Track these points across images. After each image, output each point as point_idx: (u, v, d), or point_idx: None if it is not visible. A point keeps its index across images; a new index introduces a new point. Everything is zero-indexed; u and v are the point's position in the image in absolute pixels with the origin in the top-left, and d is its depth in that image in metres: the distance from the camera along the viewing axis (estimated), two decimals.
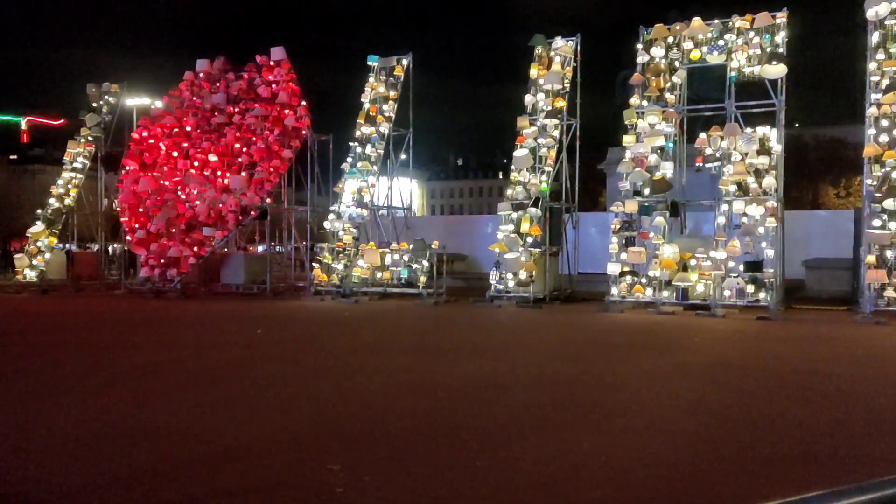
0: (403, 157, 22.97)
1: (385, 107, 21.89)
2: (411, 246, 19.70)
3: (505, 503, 4.12)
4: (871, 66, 15.66)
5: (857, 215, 17.09)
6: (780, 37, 16.71)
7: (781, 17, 16.79)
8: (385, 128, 21.86)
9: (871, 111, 15.46)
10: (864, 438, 5.53)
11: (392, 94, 21.96)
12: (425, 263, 19.17)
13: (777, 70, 16.46)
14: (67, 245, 26.23)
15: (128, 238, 22.90)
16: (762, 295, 15.34)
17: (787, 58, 16.62)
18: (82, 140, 25.35)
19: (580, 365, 9.08)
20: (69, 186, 25.07)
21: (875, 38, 15.67)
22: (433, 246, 19.32)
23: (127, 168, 23.42)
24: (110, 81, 25.86)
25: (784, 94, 16.65)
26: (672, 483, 4.44)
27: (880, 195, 14.90)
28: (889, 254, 14.66)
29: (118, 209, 23.70)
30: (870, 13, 15.66)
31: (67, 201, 25.00)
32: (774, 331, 12.82)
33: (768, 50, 16.65)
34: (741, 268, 15.54)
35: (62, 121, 30.59)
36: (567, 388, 7.45)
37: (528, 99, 19.51)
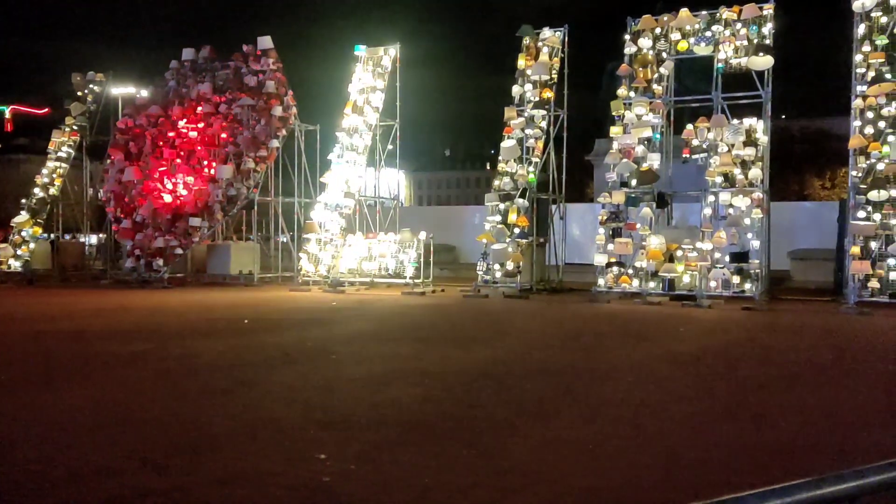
0: (391, 147, 22.88)
1: (372, 97, 21.78)
2: (398, 236, 19.68)
3: (492, 491, 4.13)
4: (857, 57, 15.74)
5: (843, 206, 17.20)
6: (768, 28, 16.74)
7: (769, 9, 16.81)
8: (372, 118, 21.77)
9: (857, 103, 15.55)
10: (852, 427, 5.58)
11: (379, 84, 21.87)
12: (412, 254, 19.16)
13: (764, 61, 16.52)
14: (52, 235, 25.97)
15: (113, 228, 22.73)
16: (748, 286, 15.44)
17: (774, 49, 16.69)
18: (67, 129, 25.08)
19: (568, 354, 9.11)
20: (54, 176, 24.83)
21: (861, 29, 15.74)
22: (421, 237, 19.30)
23: (112, 158, 23.22)
24: (95, 70, 25.61)
25: (771, 85, 16.70)
26: (660, 471, 4.47)
27: (865, 186, 15.02)
28: (873, 245, 14.80)
29: (103, 199, 23.51)
30: (856, 5, 15.73)
31: (52, 191, 24.76)
32: (760, 321, 12.91)
33: (755, 41, 16.69)
34: (727, 259, 15.61)
35: (46, 110, 30.18)
36: (555, 378, 7.48)
37: (515, 90, 19.49)
